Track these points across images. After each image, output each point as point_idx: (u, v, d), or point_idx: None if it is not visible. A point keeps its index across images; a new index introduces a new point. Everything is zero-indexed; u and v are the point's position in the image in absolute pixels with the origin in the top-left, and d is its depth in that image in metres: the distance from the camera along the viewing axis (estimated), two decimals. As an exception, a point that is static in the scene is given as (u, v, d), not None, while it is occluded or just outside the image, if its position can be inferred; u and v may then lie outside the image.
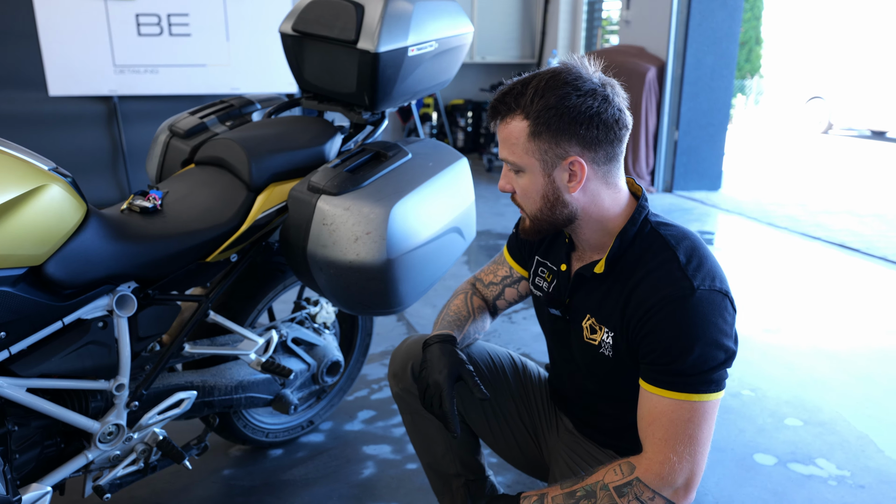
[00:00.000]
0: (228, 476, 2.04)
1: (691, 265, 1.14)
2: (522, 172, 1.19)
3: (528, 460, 1.53)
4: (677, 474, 1.11)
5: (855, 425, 2.31)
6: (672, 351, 1.10)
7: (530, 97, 1.13)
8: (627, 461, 1.16)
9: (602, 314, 1.24)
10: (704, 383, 1.11)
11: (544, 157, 1.15)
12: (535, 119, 1.12)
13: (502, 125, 1.18)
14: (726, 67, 6.01)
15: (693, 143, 6.10)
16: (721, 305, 1.12)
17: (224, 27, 4.85)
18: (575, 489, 1.17)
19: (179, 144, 1.98)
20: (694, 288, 1.11)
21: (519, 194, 1.22)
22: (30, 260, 1.31)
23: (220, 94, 5.02)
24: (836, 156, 8.84)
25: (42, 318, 1.38)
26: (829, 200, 5.96)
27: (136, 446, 1.65)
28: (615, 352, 1.22)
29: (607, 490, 1.14)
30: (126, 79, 4.77)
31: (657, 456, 1.12)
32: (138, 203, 1.62)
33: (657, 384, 1.14)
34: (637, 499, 1.12)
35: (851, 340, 3.01)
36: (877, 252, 4.31)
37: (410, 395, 1.48)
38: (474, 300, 1.53)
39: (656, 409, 1.14)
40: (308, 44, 1.95)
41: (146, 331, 1.60)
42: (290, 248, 1.71)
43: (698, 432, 1.12)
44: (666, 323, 1.11)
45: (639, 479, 1.12)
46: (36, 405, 1.41)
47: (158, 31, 4.74)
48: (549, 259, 1.39)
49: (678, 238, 1.19)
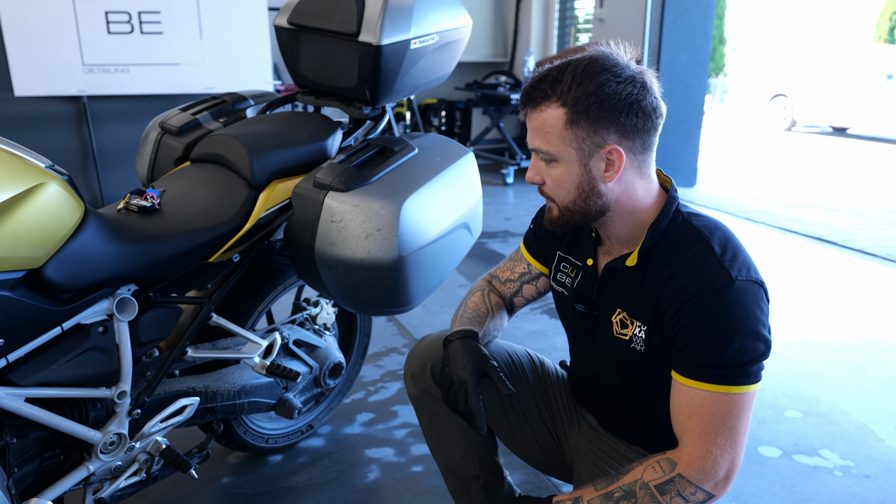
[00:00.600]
0: (228, 484, 1.97)
1: (727, 256, 1.12)
2: (556, 162, 1.15)
3: (548, 459, 1.50)
4: (719, 467, 1.09)
5: (853, 415, 2.33)
6: (712, 343, 1.08)
7: (567, 84, 1.09)
8: (666, 458, 1.13)
9: (634, 308, 1.21)
10: (744, 375, 1.09)
11: (581, 146, 1.12)
12: (573, 106, 1.09)
13: (535, 113, 1.14)
14: (700, 65, 6.08)
15: (669, 140, 6.14)
16: (758, 296, 1.10)
17: (197, 25, 4.74)
18: (611, 490, 1.14)
19: (172, 142, 1.90)
20: (732, 279, 1.09)
21: (550, 185, 1.18)
22: (29, 262, 1.24)
23: (194, 94, 4.90)
24: (802, 152, 9.01)
25: (41, 323, 1.31)
26: (802, 195, 6.06)
27: (137, 456, 1.58)
28: (647, 346, 1.19)
29: (648, 489, 1.12)
30: (96, 78, 4.62)
31: (698, 450, 1.10)
32: (136, 202, 1.55)
33: (695, 377, 1.11)
34: (679, 495, 1.10)
35: (839, 332, 3.04)
36: (853, 245, 4.38)
37: (430, 396, 1.44)
38: (492, 297, 1.50)
39: (695, 402, 1.11)
40: (305, 37, 1.90)
41: (147, 335, 1.53)
42: (295, 247, 1.66)
43: (738, 424, 1.10)
44: (705, 315, 1.09)
45: (681, 476, 1.10)
46: (35, 416, 1.34)
47: (129, 29, 4.61)
48: (573, 254, 1.36)
49: (711, 229, 1.17)
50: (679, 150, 6.22)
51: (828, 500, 1.90)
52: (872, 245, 4.36)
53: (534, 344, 2.85)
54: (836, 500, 1.90)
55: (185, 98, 5.04)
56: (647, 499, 1.11)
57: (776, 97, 11.78)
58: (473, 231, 1.83)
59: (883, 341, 2.94)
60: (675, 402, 1.16)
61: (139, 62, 4.68)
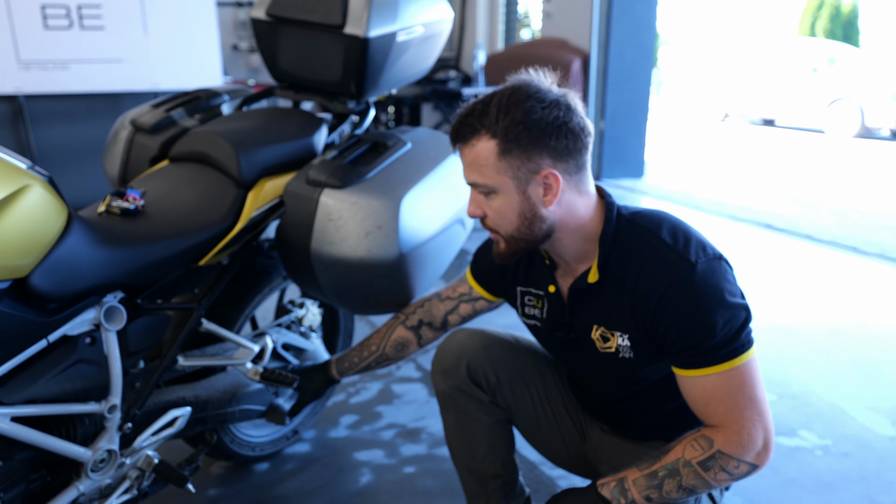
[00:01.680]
0: (215, 496, 1.89)
1: (679, 243, 1.16)
2: (494, 194, 1.16)
3: (572, 456, 1.49)
4: (756, 438, 1.11)
5: (824, 397, 2.41)
6: (699, 332, 1.11)
7: (494, 116, 1.11)
8: (702, 435, 1.14)
9: (610, 320, 1.23)
10: (739, 346, 1.12)
11: (517, 175, 1.13)
12: (503, 136, 1.10)
13: (466, 148, 1.15)
14: (646, 59, 6.20)
15: (618, 132, 6.24)
16: (722, 269, 1.15)
17: (141, 19, 4.55)
18: (655, 469, 1.15)
19: (145, 140, 1.81)
20: (693, 263, 1.12)
21: (492, 217, 1.19)
22: (15, 271, 1.15)
23: (140, 91, 4.70)
24: (736, 142, 9.33)
25: (28, 336, 1.22)
26: (745, 184, 6.25)
27: (128, 472, 1.49)
28: (636, 351, 1.21)
29: (691, 466, 1.12)
30: (33, 76, 4.38)
31: (731, 427, 1.11)
32: (117, 204, 1.46)
33: (697, 366, 1.13)
34: (723, 469, 1.11)
35: (801, 316, 3.14)
36: (801, 231, 4.55)
37: (461, 393, 1.41)
38: (391, 332, 1.59)
39: (706, 389, 1.13)
40: (284, 30, 1.83)
41: (137, 345, 1.45)
42: (288, 247, 1.59)
43: (756, 391, 1.12)
44: (682, 308, 1.12)
45: (721, 452, 1.11)
46: (22, 436, 1.25)
47: (68, 23, 4.38)
48: (532, 285, 1.37)
49: (656, 222, 1.20)
50: (627, 142, 6.33)
51: (812, 479, 1.95)
52: (818, 231, 4.54)
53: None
54: (819, 478, 1.95)
55: (130, 96, 4.83)
56: (691, 476, 1.12)
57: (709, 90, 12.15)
58: (467, 225, 1.80)
59: (842, 323, 3.05)
60: (688, 395, 1.17)
61: (79, 58, 4.46)
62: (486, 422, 1.42)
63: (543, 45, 6.48)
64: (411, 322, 1.58)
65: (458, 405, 1.43)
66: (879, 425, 2.22)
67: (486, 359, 1.41)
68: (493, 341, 1.45)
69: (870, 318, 3.12)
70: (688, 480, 1.12)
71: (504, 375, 1.42)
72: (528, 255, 1.37)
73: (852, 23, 15.85)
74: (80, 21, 4.39)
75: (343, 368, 1.63)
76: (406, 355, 1.61)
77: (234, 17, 6.64)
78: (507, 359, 1.44)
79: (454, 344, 1.43)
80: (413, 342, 1.58)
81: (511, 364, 1.44)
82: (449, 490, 1.89)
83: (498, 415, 1.45)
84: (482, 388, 1.42)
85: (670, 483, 1.13)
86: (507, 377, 1.43)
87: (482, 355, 1.41)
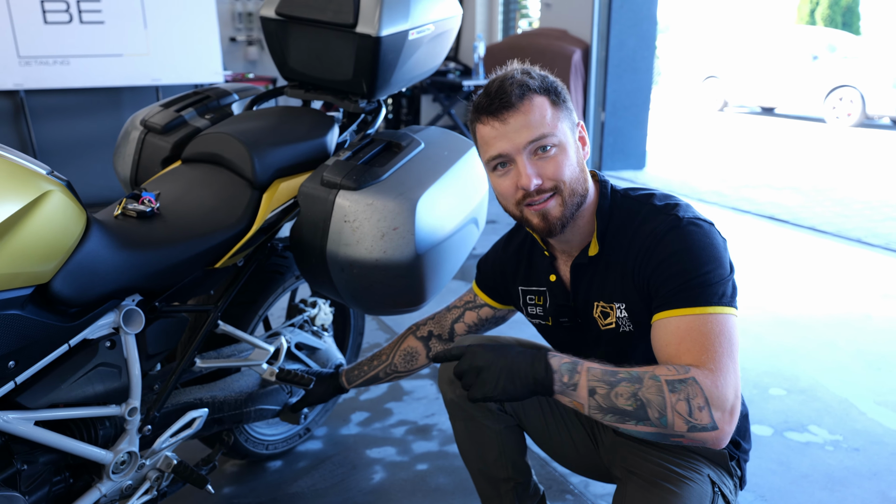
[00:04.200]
0: (231, 495, 1.90)
1: (670, 206, 1.22)
2: (555, 147, 1.19)
3: (583, 460, 1.50)
4: (727, 387, 1.03)
5: (833, 391, 2.42)
6: (682, 272, 1.13)
7: (527, 79, 1.19)
8: (681, 364, 1.07)
9: (607, 293, 1.26)
10: (718, 295, 1.11)
11: (569, 124, 1.21)
12: (547, 92, 1.19)
13: (523, 109, 1.17)
14: (647, 49, 6.18)
15: (618, 123, 6.23)
16: (711, 230, 1.19)
17: (141, 14, 4.52)
18: (618, 370, 1.08)
19: (157, 141, 1.80)
20: (680, 218, 1.18)
21: (554, 174, 1.18)
22: (37, 277, 1.15)
23: (140, 86, 4.69)
24: (736, 132, 9.32)
25: (50, 341, 1.23)
26: (746, 175, 6.26)
27: (148, 474, 1.50)
28: (634, 322, 1.24)
29: (657, 381, 1.04)
30: (33, 71, 4.36)
31: (707, 364, 1.05)
32: (133, 207, 1.46)
33: (675, 306, 1.12)
34: (687, 401, 1.02)
35: (807, 308, 3.16)
36: (804, 223, 4.56)
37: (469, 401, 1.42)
38: (403, 343, 1.64)
39: (681, 328, 1.10)
40: (294, 29, 1.83)
41: (155, 347, 1.45)
42: (304, 249, 1.59)
43: (732, 349, 1.08)
44: (667, 249, 1.16)
45: (694, 380, 1.03)
46: (46, 440, 1.26)
47: (67, 18, 4.35)
48: (533, 284, 1.41)
49: (648, 195, 1.28)
50: (628, 133, 6.32)
51: (824, 475, 1.97)
52: (822, 223, 4.54)
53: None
54: (831, 474, 1.97)
55: (131, 91, 4.82)
56: (652, 389, 1.04)
57: (708, 79, 12.12)
58: (480, 225, 1.81)
59: (848, 315, 3.07)
60: (660, 338, 1.13)
61: (79, 54, 4.43)
62: (495, 428, 1.43)
63: (543, 35, 6.46)
64: (421, 333, 1.62)
65: (466, 413, 1.44)
66: (889, 420, 2.24)
67: None
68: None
69: (875, 310, 3.13)
70: (646, 392, 1.04)
71: None
72: (528, 254, 1.42)
73: (852, 9, 15.78)
74: (79, 16, 4.37)
75: (352, 377, 1.68)
76: (415, 368, 1.63)
77: (231, 8, 6.60)
78: None
79: None
80: (422, 354, 1.61)
81: None
82: (462, 488, 1.90)
83: (507, 421, 1.45)
84: None
85: (626, 387, 1.05)
86: None
87: None
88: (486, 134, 1.20)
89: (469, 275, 3.20)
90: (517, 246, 1.45)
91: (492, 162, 1.22)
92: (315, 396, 1.72)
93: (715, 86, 12.00)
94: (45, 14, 4.29)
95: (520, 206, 1.22)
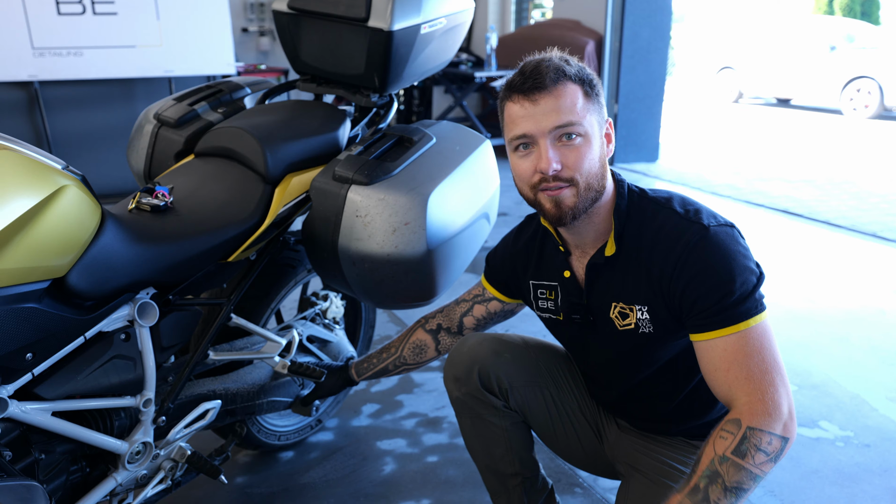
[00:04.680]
0: (243, 484, 1.93)
1: (691, 213, 1.21)
2: (580, 137, 1.18)
3: (588, 456, 1.50)
4: (781, 404, 1.09)
5: (845, 386, 2.41)
6: (716, 289, 1.13)
7: (565, 66, 1.18)
8: (728, 421, 1.10)
9: (627, 295, 1.25)
10: (753, 306, 1.13)
11: (598, 119, 1.20)
12: (582, 83, 1.18)
13: (556, 92, 1.17)
14: (661, 40, 6.13)
15: (632, 115, 6.20)
16: (734, 234, 1.19)
17: (154, 5, 4.53)
18: (694, 483, 1.09)
19: (170, 135, 1.82)
20: (706, 226, 1.17)
21: (574, 163, 1.18)
22: (54, 271, 1.17)
23: (153, 77, 4.72)
24: (751, 123, 9.24)
25: (67, 334, 1.25)
26: (760, 167, 6.21)
27: (163, 464, 1.52)
28: (656, 324, 1.23)
29: (728, 460, 1.07)
30: (47, 62, 4.39)
31: (755, 394, 1.09)
32: (147, 201, 1.47)
33: (714, 327, 1.14)
34: (759, 449, 1.07)
35: (821, 303, 3.14)
36: (819, 216, 4.52)
37: (474, 399, 1.43)
38: (412, 335, 1.64)
39: (726, 351, 1.13)
40: (307, 22, 1.83)
41: (169, 340, 1.47)
42: (316, 243, 1.61)
43: (774, 354, 1.13)
44: (698, 268, 1.15)
45: (750, 428, 1.07)
46: (64, 430, 1.28)
47: (81, 9, 4.38)
48: (544, 278, 1.40)
49: (666, 196, 1.26)
50: (641, 125, 6.29)
51: (834, 470, 1.96)
52: (837, 216, 4.51)
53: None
54: (841, 470, 1.97)
55: (143, 82, 4.84)
56: (731, 471, 1.07)
57: (723, 69, 12.01)
58: (491, 220, 1.81)
59: (862, 311, 3.05)
60: (707, 361, 1.16)
61: (93, 45, 4.46)
62: (501, 425, 1.44)
63: (556, 26, 6.42)
64: (430, 326, 1.62)
65: (472, 410, 1.45)
66: (900, 415, 2.23)
67: (497, 365, 1.43)
68: (504, 346, 1.46)
69: (890, 305, 3.11)
70: (730, 478, 1.07)
71: (516, 380, 1.44)
72: (539, 247, 1.41)
73: (871, -1, 15.56)
74: (92, 7, 4.39)
75: (362, 370, 1.69)
76: (423, 361, 1.63)
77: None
78: (518, 363, 1.46)
79: (465, 351, 1.45)
80: (431, 346, 1.61)
81: (522, 368, 1.46)
82: (472, 480, 1.92)
83: (513, 418, 1.46)
84: (494, 395, 1.44)
85: (715, 490, 1.07)
86: (518, 382, 1.44)
87: (493, 361, 1.43)
88: (514, 112, 1.19)
89: (481, 268, 3.22)
90: (528, 239, 1.45)
91: (514, 141, 1.21)
92: (326, 389, 1.74)
93: (730, 77, 11.89)
94: (59, 5, 4.31)
95: (535, 189, 1.21)
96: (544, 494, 1.55)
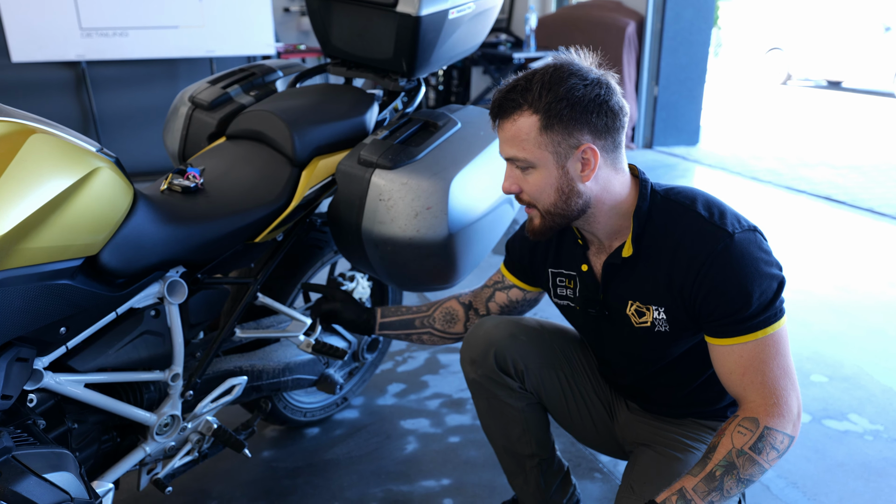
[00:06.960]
0: (269, 458, 1.99)
1: (715, 216, 1.19)
2: (532, 169, 1.20)
3: (601, 436, 1.52)
4: (792, 406, 1.15)
5: (878, 379, 2.37)
6: (736, 300, 1.15)
7: (538, 92, 1.15)
8: (745, 418, 1.16)
9: (646, 294, 1.26)
10: (773, 314, 1.16)
11: (557, 150, 1.17)
12: (546, 112, 1.14)
13: (507, 123, 1.19)
14: (704, 21, 5.99)
15: (672, 97, 6.10)
16: (757, 240, 1.19)
17: (196, -14, 4.61)
18: (710, 470, 1.15)
19: (204, 117, 1.87)
20: (731, 233, 1.16)
21: (529, 191, 1.22)
22: (87, 249, 1.22)
23: (195, 57, 4.80)
24: (798, 107, 8.98)
25: (99, 309, 1.30)
26: (804, 152, 6.05)
27: (190, 436, 1.58)
28: (673, 324, 1.24)
29: (745, 454, 1.14)
30: (94, 42, 4.51)
31: (770, 398, 1.15)
32: (178, 182, 1.52)
33: (734, 334, 1.17)
34: (773, 447, 1.14)
35: (858, 294, 3.07)
36: (862, 204, 4.40)
37: (491, 381, 1.45)
38: (446, 305, 1.63)
39: (743, 358, 1.17)
40: (337, 7, 1.85)
41: (197, 317, 1.52)
42: (340, 225, 1.64)
43: (787, 360, 1.18)
44: (721, 277, 1.15)
45: (768, 428, 1.14)
46: (95, 401, 1.34)
47: (126, -10, 4.48)
48: (563, 266, 1.40)
49: (690, 198, 1.24)
50: (682, 108, 6.18)
51: (860, 464, 1.94)
52: (881, 204, 4.38)
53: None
54: (868, 464, 1.94)
55: (186, 62, 4.94)
56: (747, 464, 1.13)
57: (772, 50, 11.68)
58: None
59: (899, 302, 2.98)
60: (723, 365, 1.20)
61: (138, 25, 4.56)
62: (517, 406, 1.46)
63: (597, 7, 6.32)
64: (464, 300, 1.63)
65: (488, 392, 1.47)
66: (933, 410, 2.18)
67: (513, 347, 1.45)
68: (520, 328, 1.48)
69: (930, 297, 3.03)
70: (745, 470, 1.13)
71: (531, 362, 1.46)
72: (558, 236, 1.41)
73: (930, -22, 14.91)
74: (137, -12, 4.48)
75: (388, 313, 1.65)
76: (449, 333, 1.61)
77: (286, -22, 6.65)
78: (534, 345, 1.47)
79: (481, 334, 1.47)
80: (461, 320, 1.61)
81: (537, 350, 1.47)
82: (492, 462, 1.95)
83: (528, 399, 1.48)
84: (510, 376, 1.45)
85: (729, 479, 1.13)
86: (534, 363, 1.46)
87: (509, 343, 1.45)
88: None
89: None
90: None
91: None
92: (343, 317, 1.67)
93: (778, 58, 11.56)
94: (106, -14, 4.41)
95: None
96: (560, 476, 1.57)
